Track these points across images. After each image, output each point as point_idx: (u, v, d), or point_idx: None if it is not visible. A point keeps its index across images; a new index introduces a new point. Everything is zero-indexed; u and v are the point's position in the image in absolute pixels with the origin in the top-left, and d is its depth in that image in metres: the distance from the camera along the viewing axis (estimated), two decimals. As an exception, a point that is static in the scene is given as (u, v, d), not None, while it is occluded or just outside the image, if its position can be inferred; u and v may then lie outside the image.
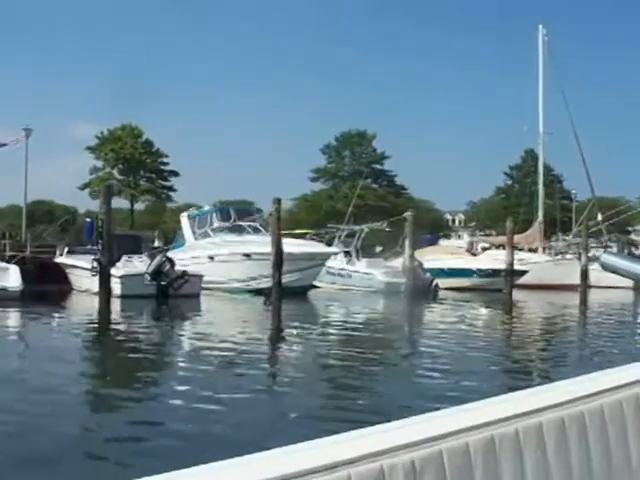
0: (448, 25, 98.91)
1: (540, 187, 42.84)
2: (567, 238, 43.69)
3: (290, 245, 27.56)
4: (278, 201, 24.66)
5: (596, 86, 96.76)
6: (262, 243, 28.03)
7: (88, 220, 32.20)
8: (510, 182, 77.04)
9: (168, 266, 25.17)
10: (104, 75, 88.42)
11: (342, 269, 32.55)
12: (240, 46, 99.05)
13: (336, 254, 29.99)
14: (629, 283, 39.46)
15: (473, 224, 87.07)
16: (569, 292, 34.41)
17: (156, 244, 38.50)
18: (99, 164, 58.19)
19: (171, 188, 58.62)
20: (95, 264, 23.04)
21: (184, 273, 25.36)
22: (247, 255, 28.43)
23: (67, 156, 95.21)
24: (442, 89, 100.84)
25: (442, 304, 29.33)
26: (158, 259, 25.30)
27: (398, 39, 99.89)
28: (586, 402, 1.97)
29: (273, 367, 13.67)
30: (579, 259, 35.89)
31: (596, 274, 40.70)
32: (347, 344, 16.71)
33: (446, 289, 32.67)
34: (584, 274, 35.14)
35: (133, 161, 56.83)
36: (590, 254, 39.65)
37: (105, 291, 21.57)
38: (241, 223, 30.79)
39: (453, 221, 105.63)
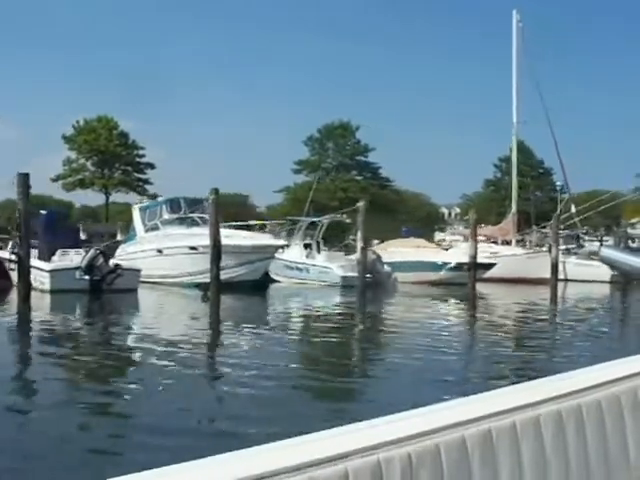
0: (435, 16, 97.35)
1: (514, 178, 41.46)
2: (545, 230, 42.26)
3: (234, 238, 26.45)
4: (215, 191, 23.41)
5: (577, 75, 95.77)
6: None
7: (43, 212, 30.90)
8: (499, 174, 75.54)
9: (101, 260, 23.99)
10: (103, 72, 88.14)
11: (300, 263, 31.34)
12: (224, 38, 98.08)
13: (282, 247, 28.70)
14: (605, 277, 38.45)
15: (467, 217, 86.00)
16: (542, 286, 33.17)
17: (119, 237, 37.63)
18: (73, 155, 57.26)
19: (147, 181, 57.73)
20: (13, 257, 21.86)
21: (116, 267, 24.17)
22: (194, 248, 27.25)
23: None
24: (431, 80, 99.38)
25: (398, 298, 28.17)
26: (91, 253, 24.13)
27: (382, 30, 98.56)
28: (583, 395, 1.97)
29: (192, 367, 12.39)
30: (549, 252, 34.61)
31: (571, 267, 39.61)
32: (274, 343, 15.43)
33: (412, 283, 31.51)
34: (554, 267, 33.86)
35: (107, 153, 55.81)
36: (562, 247, 38.49)
37: (24, 285, 20.34)
38: (191, 215, 29.60)
39: (449, 214, 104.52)
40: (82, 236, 37.17)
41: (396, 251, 34.28)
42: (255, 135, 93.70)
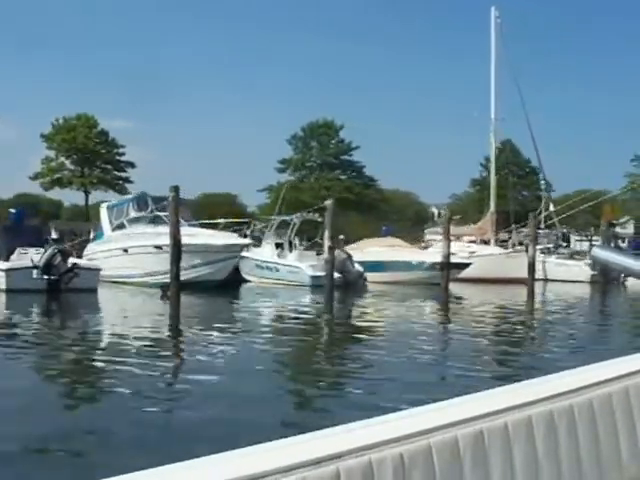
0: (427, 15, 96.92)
1: (492, 177, 40.96)
2: (525, 230, 41.75)
3: (197, 237, 25.92)
4: (175, 189, 22.83)
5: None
6: (186, 235, 26.42)
7: (12, 211, 30.34)
8: (485, 173, 74.93)
9: (59, 259, 23.37)
10: (103, 72, 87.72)
11: (270, 262, 30.77)
12: (224, 38, 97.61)
13: (247, 246, 28.09)
14: (585, 277, 38.03)
15: (458, 217, 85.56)
16: (521, 286, 32.67)
17: (92, 236, 37.00)
18: (52, 154, 56.57)
19: (127, 179, 57.10)
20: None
21: (73, 266, 23.56)
22: (159, 247, 26.65)
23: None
24: (424, 80, 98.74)
25: (367, 299, 27.63)
26: (49, 252, 23.49)
27: (376, 29, 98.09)
28: (575, 396, 1.96)
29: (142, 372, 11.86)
30: (526, 251, 34.10)
31: (551, 267, 39.17)
32: (229, 344, 14.87)
33: (385, 283, 31.00)
34: (531, 267, 33.32)
35: (86, 151, 55.17)
36: (541, 246, 38.00)
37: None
38: (158, 213, 28.98)
39: (439, 214, 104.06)
40: (54, 235, 36.63)
41: (371, 251, 33.74)
42: (254, 135, 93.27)
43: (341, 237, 41.51)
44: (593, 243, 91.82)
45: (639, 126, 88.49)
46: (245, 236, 29.19)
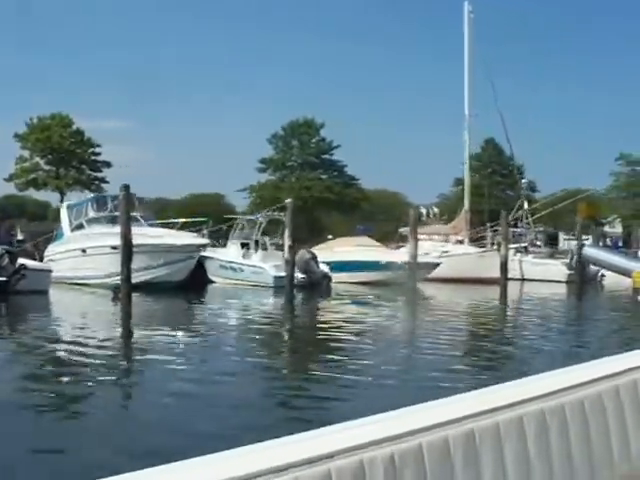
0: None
1: (466, 175, 40.30)
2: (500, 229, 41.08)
3: (151, 237, 25.27)
4: (126, 188, 22.17)
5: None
6: (137, 235, 25.75)
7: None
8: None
9: (6, 260, 22.67)
10: (102, 72, 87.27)
11: (234, 263, 30.09)
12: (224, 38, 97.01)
13: (205, 245, 27.38)
14: (562, 276, 37.47)
15: (446, 217, 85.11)
16: (495, 286, 32.09)
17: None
18: (26, 154, 55.68)
19: (103, 180, 56.30)
20: None
21: (20, 267, 22.86)
22: (115, 247, 25.95)
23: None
24: (418, 79, 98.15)
25: (331, 300, 27.01)
26: (-4, 253, 22.82)
27: (350, 26, 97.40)
28: (566, 395, 1.97)
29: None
30: (498, 250, 33.51)
31: (528, 266, 38.56)
32: (175, 347, 14.42)
33: (353, 283, 30.37)
34: (504, 266, 32.75)
35: (61, 151, 54.40)
36: (514, 245, 37.42)
37: None
38: (117, 213, 28.26)
39: (427, 214, 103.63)
40: (19, 236, 36.05)
41: (340, 250, 33.10)
42: (250, 135, 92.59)
43: (329, 237, 41.05)
44: (582, 242, 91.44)
45: (632, 125, 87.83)
46: (203, 235, 28.38)
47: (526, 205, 38.01)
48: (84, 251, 27.43)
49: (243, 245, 31.14)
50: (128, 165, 76.61)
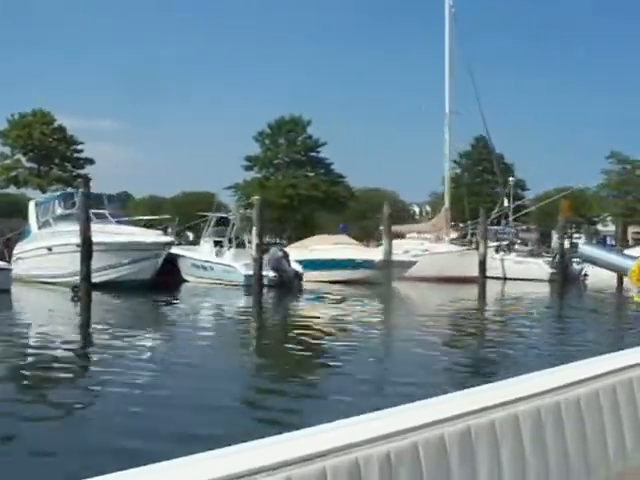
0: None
1: (446, 172, 39.69)
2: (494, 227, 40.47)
3: (119, 235, 24.72)
4: (85, 183, 21.62)
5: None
6: (103, 232, 25.19)
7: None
8: (459, 171, 73.83)
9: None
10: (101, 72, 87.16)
11: (206, 261, 29.52)
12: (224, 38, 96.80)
13: (170, 244, 26.75)
14: (544, 275, 36.94)
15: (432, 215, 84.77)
16: (475, 285, 31.57)
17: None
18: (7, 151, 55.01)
19: (86, 177, 55.26)
20: None
21: (-24, 266, 22.32)
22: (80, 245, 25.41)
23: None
24: (412, 78, 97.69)
25: (302, 300, 26.44)
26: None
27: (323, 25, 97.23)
28: (562, 393, 1.98)
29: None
30: (476, 248, 32.96)
31: (510, 265, 38.03)
32: (130, 349, 13.70)
33: (328, 282, 29.80)
34: (482, 265, 32.21)
35: (43, 148, 53.70)
36: (494, 243, 36.89)
37: None
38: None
39: (420, 212, 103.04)
40: None
41: (317, 249, 32.54)
42: (246, 133, 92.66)
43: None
44: (573, 241, 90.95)
45: (626, 124, 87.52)
46: (168, 234, 27.72)
47: (506, 203, 37.38)
48: (50, 249, 26.87)
49: (217, 243, 30.57)
50: (117, 165, 76.82)
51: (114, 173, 69.50)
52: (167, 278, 27.08)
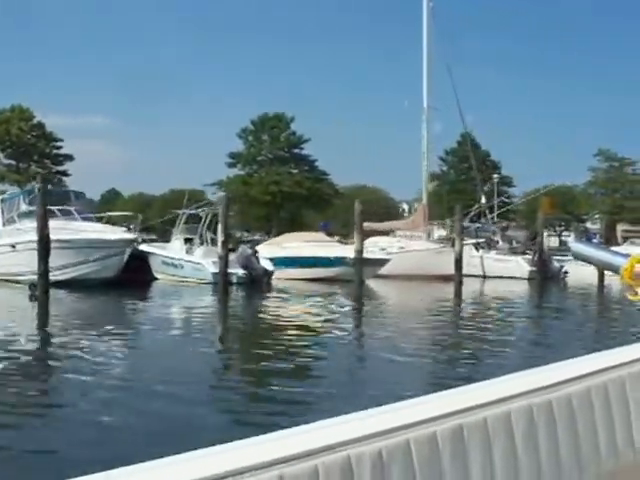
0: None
1: (424, 168, 39.16)
2: (468, 224, 40.00)
3: (82, 232, 24.22)
4: (42, 179, 21.11)
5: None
6: (68, 230, 24.70)
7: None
8: (445, 168, 73.48)
9: None
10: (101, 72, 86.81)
11: (175, 259, 29.00)
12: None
13: (133, 241, 26.19)
14: (524, 274, 36.51)
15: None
16: (452, 283, 31.11)
17: None
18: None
19: (64, 173, 55.04)
20: None
21: None
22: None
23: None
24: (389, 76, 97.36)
25: (270, 298, 25.89)
26: None
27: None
28: (554, 391, 1.99)
29: None
30: (452, 246, 32.47)
31: (490, 263, 37.59)
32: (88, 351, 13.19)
33: (300, 280, 29.32)
34: (458, 262, 31.73)
35: (21, 144, 53.10)
36: (472, 241, 36.45)
37: None
38: (51, 207, 27.11)
39: (410, 210, 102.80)
40: None
41: (290, 246, 32.07)
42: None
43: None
44: (562, 238, 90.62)
45: (617, 122, 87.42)
46: (132, 231, 27.18)
47: (484, 200, 36.95)
48: (13, 246, 26.32)
49: (187, 240, 30.07)
50: (109, 163, 76.64)
51: (106, 170, 69.62)
52: (138, 276, 26.58)
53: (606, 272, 33.92)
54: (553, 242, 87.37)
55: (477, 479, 1.75)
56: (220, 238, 24.52)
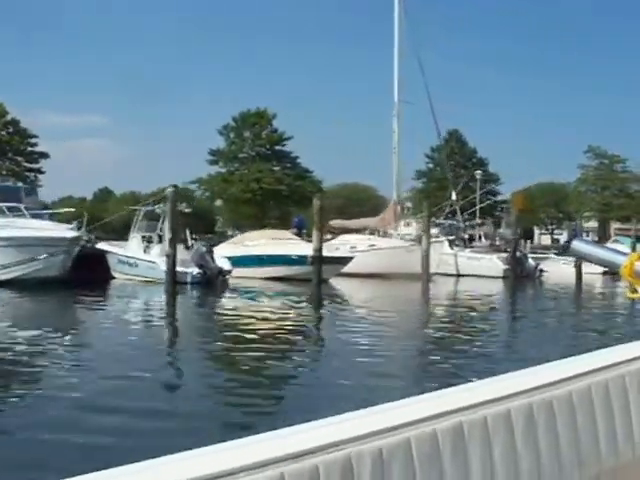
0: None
1: (394, 164, 38.28)
2: (441, 222, 39.19)
3: (21, 229, 23.45)
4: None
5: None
6: (13, 227, 23.92)
7: None
8: (432, 165, 72.69)
9: None
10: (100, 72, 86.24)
11: (130, 257, 28.21)
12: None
13: (78, 239, 25.27)
14: (498, 272, 35.73)
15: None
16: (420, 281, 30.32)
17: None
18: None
19: (39, 170, 54.22)
20: None
21: None
22: None
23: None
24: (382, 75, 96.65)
25: (222, 298, 25.07)
26: None
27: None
28: (554, 389, 2.00)
29: None
30: (419, 243, 31.69)
31: (464, 261, 36.79)
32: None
33: (260, 279, 28.51)
34: (425, 260, 30.96)
35: (-6, 141, 52.39)
36: (442, 238, 35.66)
37: None
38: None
39: (402, 208, 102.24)
40: None
41: (252, 244, 31.27)
42: None
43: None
44: (555, 236, 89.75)
45: (608, 119, 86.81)
46: (78, 229, 26.29)
47: (454, 196, 36.13)
48: None
49: (145, 238, 29.27)
50: (105, 162, 75.93)
51: (100, 169, 69.19)
52: (94, 275, 25.83)
53: (593, 272, 33.40)
54: (545, 240, 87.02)
55: (477, 477, 1.73)
56: (167, 235, 23.68)
